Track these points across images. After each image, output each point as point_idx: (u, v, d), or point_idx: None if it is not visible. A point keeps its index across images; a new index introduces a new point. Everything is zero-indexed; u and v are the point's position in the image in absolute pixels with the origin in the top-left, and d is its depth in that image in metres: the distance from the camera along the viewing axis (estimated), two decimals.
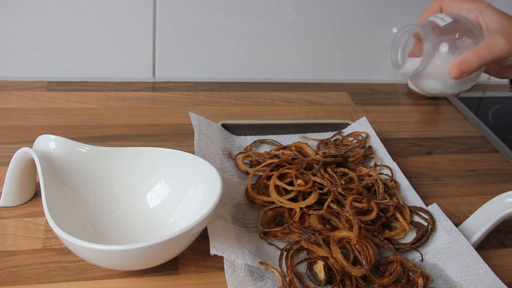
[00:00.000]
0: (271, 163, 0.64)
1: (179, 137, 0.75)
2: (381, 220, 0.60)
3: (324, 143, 0.75)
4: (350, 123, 0.80)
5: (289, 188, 0.60)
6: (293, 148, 0.70)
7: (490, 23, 0.53)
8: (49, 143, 0.55)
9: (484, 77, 1.00)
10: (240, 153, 0.70)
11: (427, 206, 0.63)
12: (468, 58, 0.51)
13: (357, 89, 0.96)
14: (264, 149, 0.74)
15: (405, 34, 0.57)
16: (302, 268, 0.55)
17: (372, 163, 0.72)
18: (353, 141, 0.76)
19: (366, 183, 0.64)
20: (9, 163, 0.55)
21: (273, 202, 0.60)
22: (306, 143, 0.71)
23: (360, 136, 0.76)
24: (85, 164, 0.56)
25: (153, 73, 0.90)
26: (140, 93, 0.85)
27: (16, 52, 0.82)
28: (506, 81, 0.92)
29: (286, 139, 0.76)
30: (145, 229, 0.55)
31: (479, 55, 0.51)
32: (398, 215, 0.60)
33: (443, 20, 0.54)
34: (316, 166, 0.63)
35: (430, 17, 0.56)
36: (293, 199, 0.60)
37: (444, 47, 0.53)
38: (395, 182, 0.68)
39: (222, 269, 0.51)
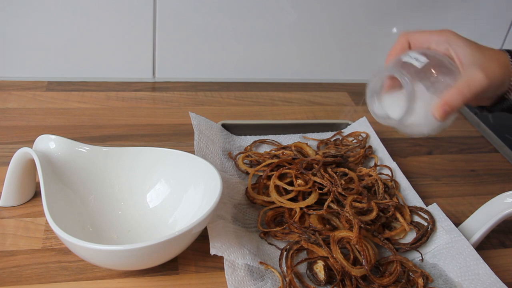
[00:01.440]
0: (271, 163, 0.64)
1: (179, 137, 0.75)
2: (381, 220, 0.60)
3: (324, 143, 0.75)
4: (350, 123, 0.80)
5: (289, 188, 0.60)
6: (293, 148, 0.70)
7: (462, 55, 0.51)
8: (49, 143, 0.55)
9: None
10: (240, 153, 0.70)
11: (427, 206, 0.63)
12: (451, 97, 0.49)
13: (357, 89, 0.96)
14: (264, 149, 0.74)
15: (381, 80, 0.54)
16: (302, 268, 0.55)
17: (372, 163, 0.72)
18: (353, 141, 0.76)
19: (366, 183, 0.64)
20: (9, 163, 0.55)
21: (273, 202, 0.60)
22: (306, 143, 0.71)
23: (360, 136, 0.76)
24: (85, 164, 0.56)
25: (153, 73, 0.90)
26: (140, 93, 0.85)
27: (16, 52, 0.82)
28: None
29: (286, 139, 0.76)
30: (145, 229, 0.55)
31: (461, 93, 0.49)
32: (398, 215, 0.60)
33: (418, 61, 0.51)
34: (316, 166, 0.63)
35: (403, 56, 0.53)
36: (293, 199, 0.60)
37: (424, 91, 0.50)
38: (395, 182, 0.68)
39: (222, 269, 0.51)
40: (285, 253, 0.55)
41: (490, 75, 0.50)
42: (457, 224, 0.61)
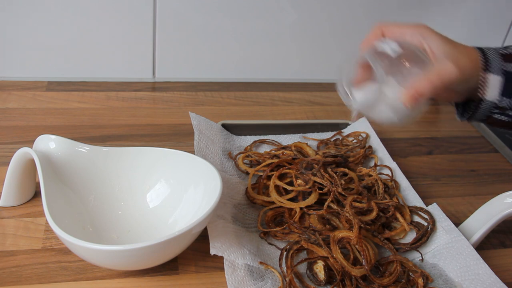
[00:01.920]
0: (271, 163, 0.64)
1: (179, 137, 0.75)
2: (381, 220, 0.60)
3: (324, 143, 0.75)
4: (350, 123, 0.80)
5: (289, 188, 0.60)
6: (293, 148, 0.70)
7: (435, 48, 0.52)
8: (49, 143, 0.55)
9: None
10: (240, 153, 0.70)
11: (427, 206, 0.63)
12: (420, 85, 0.50)
13: None
14: (264, 149, 0.74)
15: (353, 63, 0.54)
16: (302, 268, 0.55)
17: (372, 163, 0.72)
18: (353, 141, 0.76)
19: (366, 183, 0.64)
20: (9, 163, 0.55)
21: (273, 202, 0.60)
22: (306, 143, 0.71)
23: (360, 136, 0.76)
24: (85, 164, 0.56)
25: (153, 73, 0.90)
26: (140, 93, 0.85)
27: (16, 52, 0.82)
28: None
29: (286, 139, 0.76)
30: (145, 229, 0.55)
31: (431, 82, 0.50)
32: (398, 215, 0.60)
33: (391, 48, 0.52)
34: (316, 166, 0.63)
35: (377, 43, 0.54)
36: (293, 199, 0.60)
37: (395, 76, 0.51)
38: (395, 182, 0.68)
39: (222, 269, 0.51)
40: (285, 253, 0.55)
41: (461, 68, 0.51)
42: (457, 224, 0.61)
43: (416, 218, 0.62)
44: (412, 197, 0.65)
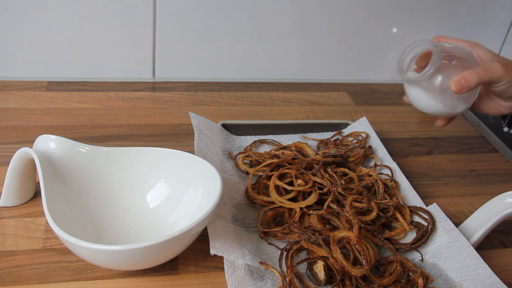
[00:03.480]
0: (271, 163, 0.64)
1: (179, 137, 0.75)
2: (381, 220, 0.60)
3: (324, 143, 0.75)
4: (350, 123, 0.80)
5: (289, 188, 0.60)
6: (293, 148, 0.70)
7: (484, 57, 0.61)
8: (49, 143, 0.55)
9: None
10: (240, 153, 0.70)
11: (427, 206, 0.63)
12: (468, 75, 0.57)
13: (357, 89, 0.96)
14: (264, 149, 0.74)
15: (418, 46, 0.61)
16: (302, 268, 0.55)
17: (372, 163, 0.72)
18: (353, 141, 0.76)
19: (366, 183, 0.64)
20: (9, 163, 0.55)
21: (273, 202, 0.60)
22: (306, 143, 0.71)
23: (360, 136, 0.76)
24: (85, 164, 0.56)
25: (153, 73, 0.90)
26: (140, 93, 0.85)
27: (16, 52, 0.82)
28: None
29: (286, 139, 0.76)
30: (145, 229, 0.56)
31: (478, 74, 0.57)
32: (398, 215, 0.60)
33: (448, 43, 0.62)
34: (316, 166, 0.63)
35: (437, 42, 0.61)
36: (293, 199, 0.60)
37: (447, 65, 0.59)
38: (395, 182, 0.68)
39: (222, 269, 0.51)
40: (285, 253, 0.55)
41: (506, 68, 0.58)
42: (457, 224, 0.61)
43: (416, 218, 0.62)
44: (412, 197, 0.65)
